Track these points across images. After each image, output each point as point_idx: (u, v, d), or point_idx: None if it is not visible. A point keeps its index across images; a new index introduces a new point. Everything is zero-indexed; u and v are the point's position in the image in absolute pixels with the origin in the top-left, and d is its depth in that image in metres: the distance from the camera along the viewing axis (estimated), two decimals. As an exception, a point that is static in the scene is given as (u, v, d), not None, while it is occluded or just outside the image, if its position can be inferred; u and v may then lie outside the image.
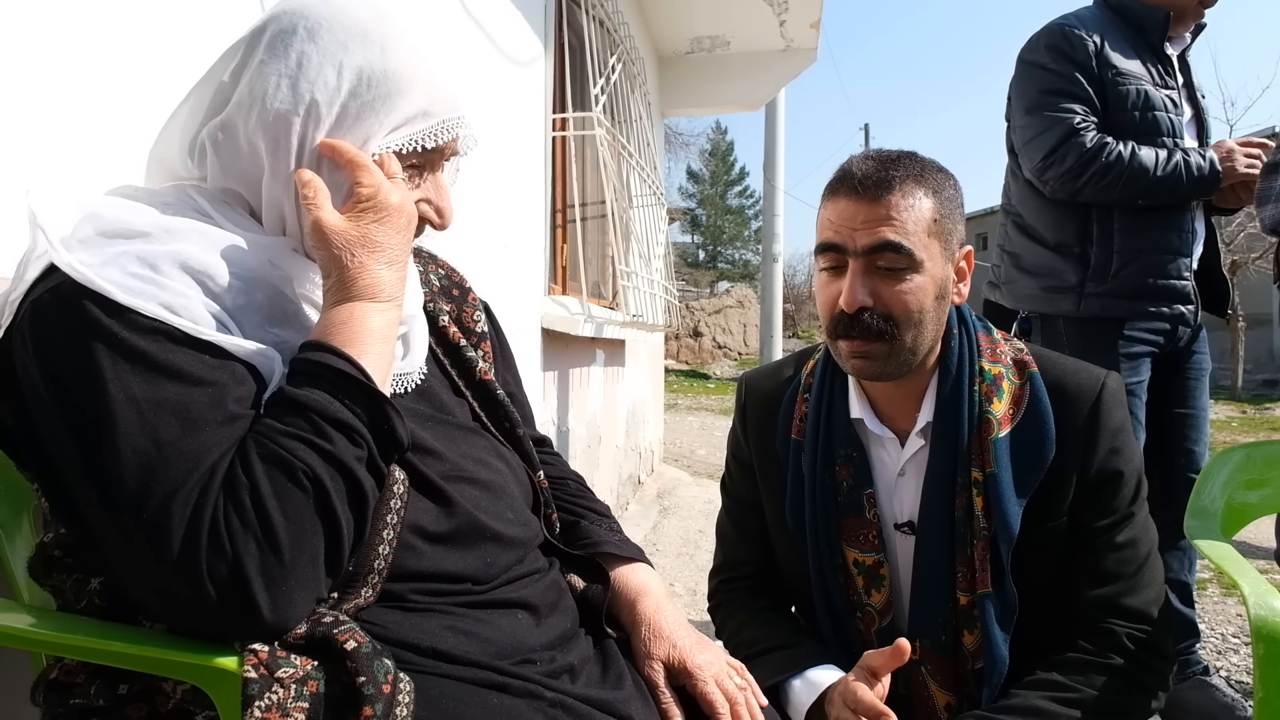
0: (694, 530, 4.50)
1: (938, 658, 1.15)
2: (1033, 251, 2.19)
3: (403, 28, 0.89)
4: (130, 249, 0.76)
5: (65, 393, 0.71)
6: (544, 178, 3.45)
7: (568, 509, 1.12)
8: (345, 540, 0.73)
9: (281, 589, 0.69)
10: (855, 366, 1.15)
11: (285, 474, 0.71)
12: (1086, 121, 2.05)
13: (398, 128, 0.86)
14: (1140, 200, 2.03)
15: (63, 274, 0.73)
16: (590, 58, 3.76)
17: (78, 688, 0.77)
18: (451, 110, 0.90)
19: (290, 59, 0.83)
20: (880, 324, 1.10)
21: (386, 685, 0.70)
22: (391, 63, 0.85)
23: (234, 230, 0.83)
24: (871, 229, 1.08)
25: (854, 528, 1.21)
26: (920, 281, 1.10)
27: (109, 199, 0.83)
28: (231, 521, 0.68)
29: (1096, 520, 1.14)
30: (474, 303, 1.11)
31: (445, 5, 2.54)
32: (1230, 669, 2.67)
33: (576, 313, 3.58)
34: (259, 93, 0.83)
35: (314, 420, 0.73)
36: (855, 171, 1.11)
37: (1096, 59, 2.06)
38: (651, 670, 0.95)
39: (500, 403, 1.03)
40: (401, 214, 0.85)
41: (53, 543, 0.81)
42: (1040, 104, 2.11)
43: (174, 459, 0.69)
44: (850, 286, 1.09)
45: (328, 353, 0.76)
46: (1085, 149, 2.01)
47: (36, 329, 0.73)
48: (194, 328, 0.74)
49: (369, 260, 0.81)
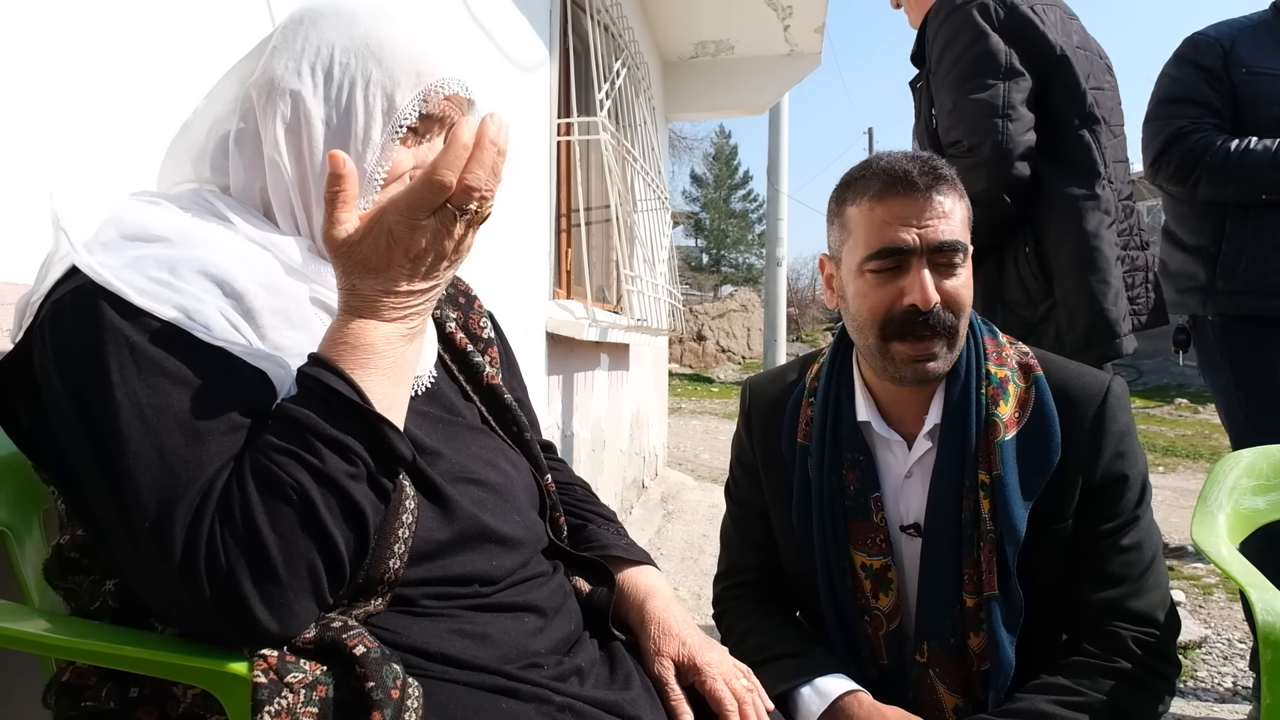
0: (698, 535, 4.50)
1: (945, 660, 1.15)
2: (1172, 256, 2.20)
3: (389, 7, 0.91)
4: (151, 253, 0.76)
5: (78, 394, 0.71)
6: (549, 182, 3.46)
7: (575, 513, 1.12)
8: (344, 554, 0.73)
9: (278, 600, 0.69)
10: (916, 370, 1.13)
11: (273, 489, 0.70)
12: (1198, 123, 2.05)
13: (392, 105, 0.87)
14: (1265, 195, 2.00)
15: (84, 276, 0.74)
16: (595, 62, 3.77)
17: (89, 690, 0.78)
18: (445, 70, 0.90)
19: (296, 44, 0.88)
20: (949, 319, 1.11)
21: (395, 690, 0.70)
22: (380, 34, 0.88)
23: (252, 234, 0.84)
24: (934, 225, 1.10)
25: (861, 531, 1.21)
26: (968, 276, 1.14)
27: (131, 203, 0.84)
28: (226, 536, 0.69)
29: (1102, 523, 1.14)
30: (480, 310, 1.12)
31: (452, 11, 2.55)
32: (1237, 674, 2.66)
33: (581, 317, 3.59)
34: (269, 73, 0.87)
35: (305, 437, 0.72)
36: (908, 170, 1.11)
37: (1225, 60, 2.06)
38: (661, 667, 0.95)
39: (508, 407, 1.04)
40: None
41: (69, 544, 0.82)
42: (1153, 114, 2.15)
43: (177, 468, 0.69)
44: (924, 284, 1.09)
45: (324, 369, 0.74)
46: (1188, 151, 2.03)
47: (55, 329, 0.74)
48: (207, 333, 0.74)
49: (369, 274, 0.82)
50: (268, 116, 0.86)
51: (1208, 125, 2.06)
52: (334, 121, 0.86)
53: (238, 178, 0.89)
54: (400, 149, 0.88)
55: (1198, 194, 2.08)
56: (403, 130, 0.88)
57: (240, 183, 0.89)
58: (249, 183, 0.89)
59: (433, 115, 0.90)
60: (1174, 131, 2.08)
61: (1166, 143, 2.10)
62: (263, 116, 0.87)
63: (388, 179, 0.88)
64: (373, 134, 0.86)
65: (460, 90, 0.92)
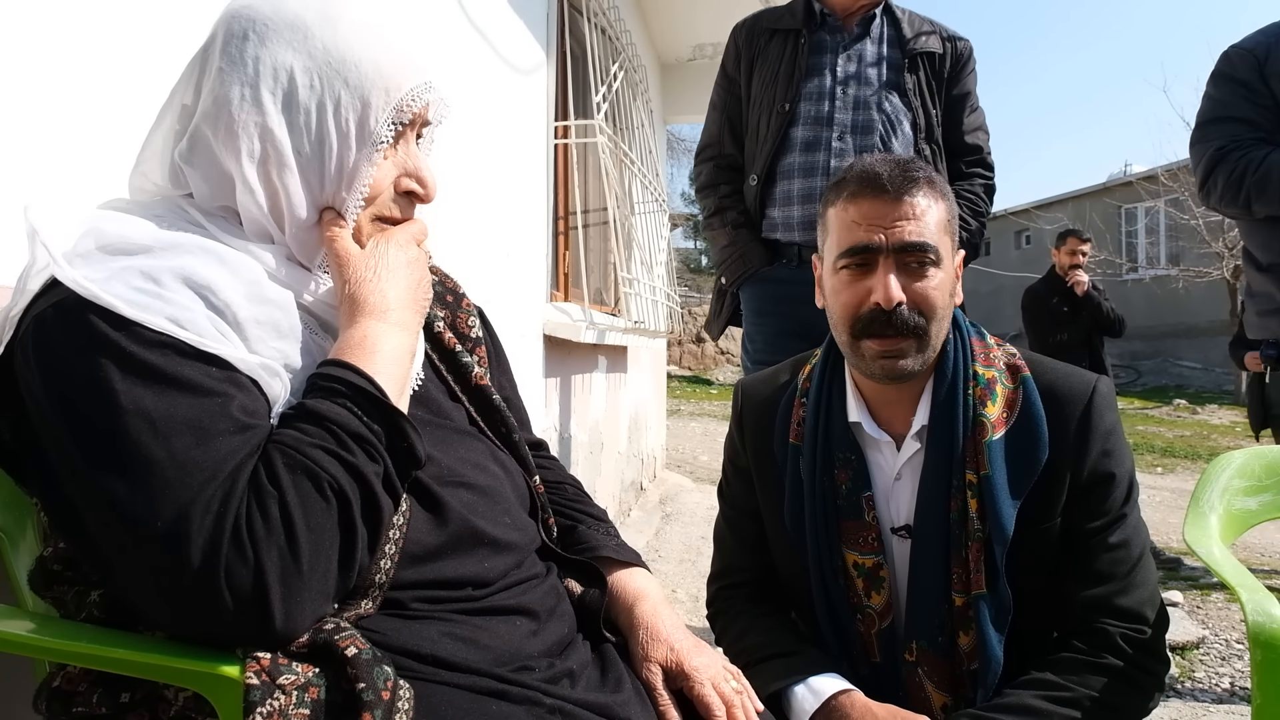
0: (696, 536, 4.50)
1: (935, 659, 1.16)
2: (1252, 276, 2.13)
3: (345, 9, 0.87)
4: (133, 264, 0.76)
5: (72, 406, 0.71)
6: (546, 185, 3.46)
7: (565, 514, 1.13)
8: (359, 553, 0.75)
9: (296, 597, 0.70)
10: (884, 367, 1.15)
11: (313, 484, 0.72)
12: (1238, 140, 1.97)
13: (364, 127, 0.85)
14: None
15: (63, 289, 0.73)
16: (592, 65, 3.77)
17: (80, 696, 0.77)
18: (414, 79, 0.88)
19: (248, 66, 0.83)
20: (915, 319, 1.12)
21: (386, 692, 0.71)
22: (340, 50, 0.84)
23: (229, 242, 0.84)
24: (902, 226, 1.12)
25: (853, 530, 1.21)
26: (942, 277, 1.14)
27: (108, 214, 0.84)
28: (256, 528, 0.69)
29: (1089, 521, 1.14)
30: (468, 308, 1.12)
31: (447, 13, 2.56)
32: (1235, 675, 2.66)
33: (579, 319, 3.59)
34: (223, 102, 0.83)
35: (335, 432, 0.74)
36: (878, 172, 1.14)
37: (1261, 70, 1.98)
38: (649, 673, 0.96)
39: (497, 407, 1.04)
40: None
41: (52, 557, 0.82)
42: (1196, 137, 2.09)
43: (191, 469, 0.70)
44: (887, 283, 1.11)
45: (344, 368, 0.78)
46: (1231, 171, 1.95)
47: (40, 344, 0.73)
48: (200, 340, 0.74)
49: (375, 280, 0.85)
50: (229, 149, 0.84)
51: (1249, 141, 1.97)
52: (306, 150, 0.85)
53: (199, 191, 0.87)
54: (379, 161, 0.88)
55: (1254, 213, 1.98)
56: (380, 149, 0.87)
57: (204, 195, 0.87)
58: (213, 196, 0.87)
59: (408, 122, 0.89)
60: (1214, 152, 1.99)
61: (1210, 165, 2.01)
62: (223, 148, 0.84)
63: (371, 195, 0.89)
64: (347, 158, 0.86)
65: (429, 97, 0.90)
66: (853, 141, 2.15)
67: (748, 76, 2.26)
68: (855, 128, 2.16)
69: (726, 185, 2.30)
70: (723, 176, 2.31)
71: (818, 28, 2.21)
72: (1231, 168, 1.97)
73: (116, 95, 1.27)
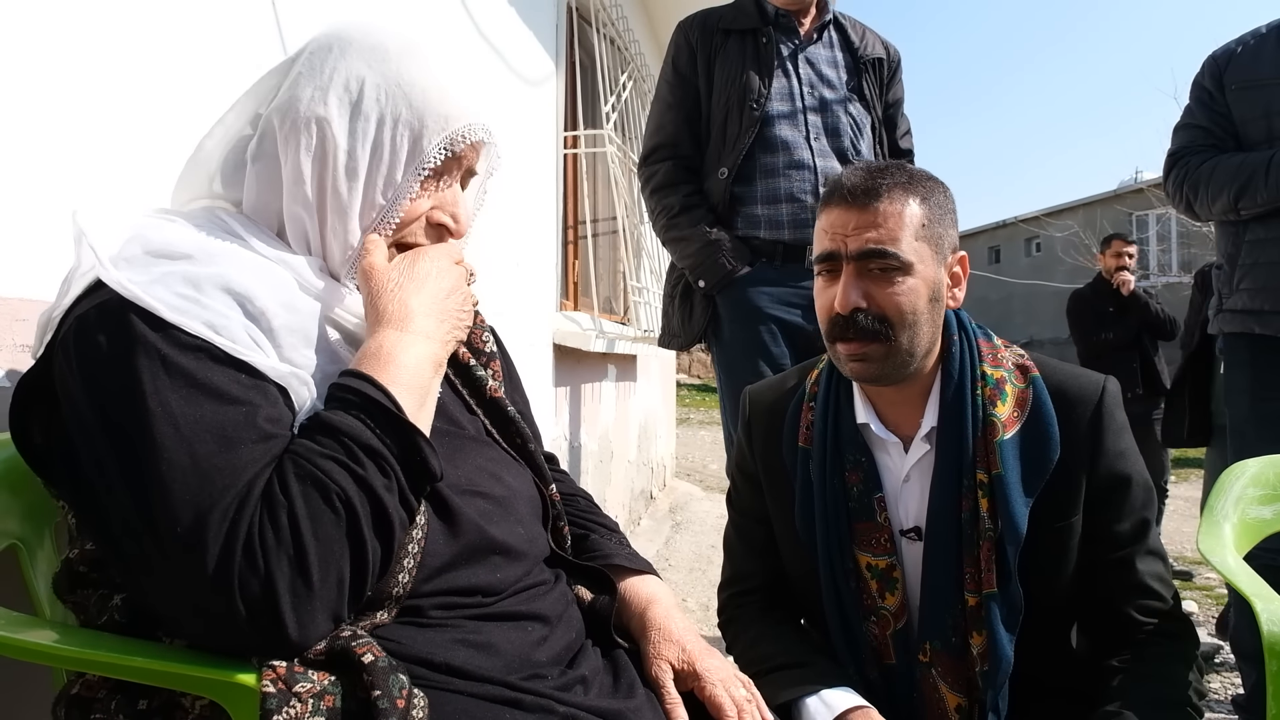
0: (706, 545, 4.49)
1: (948, 659, 1.16)
2: (1216, 276, 2.19)
3: (426, 47, 0.93)
4: (176, 269, 0.78)
5: (104, 404, 0.72)
6: (556, 194, 3.48)
7: (578, 523, 1.13)
8: (371, 566, 0.75)
9: (306, 607, 0.70)
10: (853, 369, 1.17)
11: (320, 495, 0.72)
12: (1190, 147, 2.05)
13: (418, 147, 0.90)
14: (1240, 208, 1.94)
15: (106, 291, 0.75)
16: (601, 75, 3.79)
17: (98, 703, 0.78)
18: (473, 117, 0.93)
19: (324, 73, 0.89)
20: (875, 325, 1.13)
21: (401, 700, 0.71)
22: (413, 75, 0.90)
23: (265, 253, 0.86)
24: (861, 234, 1.13)
25: (866, 532, 1.21)
26: (912, 284, 1.13)
27: (153, 220, 0.86)
28: (266, 538, 0.70)
29: (1117, 524, 1.16)
30: (481, 324, 1.13)
31: (458, 25, 2.58)
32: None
33: (588, 328, 3.60)
34: (294, 100, 0.88)
35: (347, 444, 0.75)
36: (845, 182, 1.16)
37: (1221, 79, 2.02)
38: (659, 669, 0.96)
39: (512, 419, 1.05)
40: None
41: (78, 559, 0.83)
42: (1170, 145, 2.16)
43: (212, 475, 0.70)
44: (844, 289, 1.13)
45: (360, 379, 0.79)
46: (1180, 176, 2.03)
47: (81, 343, 0.75)
48: (234, 347, 0.76)
49: (397, 290, 0.87)
50: (290, 142, 0.88)
51: (1198, 147, 2.04)
52: (359, 155, 0.88)
53: (251, 194, 0.91)
54: (419, 191, 0.91)
55: (1197, 216, 2.07)
56: (425, 172, 0.91)
57: (254, 200, 0.91)
58: (263, 201, 0.91)
59: (455, 158, 0.93)
60: (1168, 158, 2.09)
61: (1166, 170, 2.11)
62: (284, 141, 0.88)
63: (404, 220, 0.91)
64: (395, 173, 0.90)
65: (484, 137, 0.95)
66: (828, 143, 2.18)
67: (706, 74, 2.23)
68: (826, 129, 2.18)
69: (688, 185, 2.25)
70: (684, 175, 2.26)
71: (773, 27, 2.22)
72: (1180, 174, 2.06)
73: (160, 109, 1.30)
